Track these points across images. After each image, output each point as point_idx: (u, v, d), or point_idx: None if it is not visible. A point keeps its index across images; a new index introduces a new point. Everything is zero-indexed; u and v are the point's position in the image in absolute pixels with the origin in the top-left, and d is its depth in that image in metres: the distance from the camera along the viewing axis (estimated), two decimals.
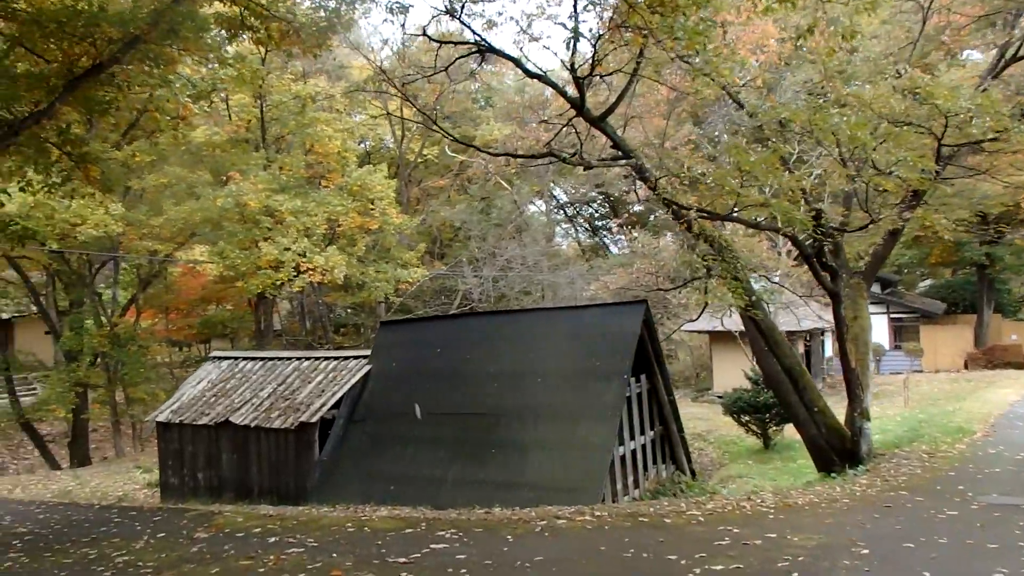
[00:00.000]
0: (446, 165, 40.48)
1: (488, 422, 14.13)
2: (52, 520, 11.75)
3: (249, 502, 15.43)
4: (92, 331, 27.13)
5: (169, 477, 16.93)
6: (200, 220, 25.34)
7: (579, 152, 14.21)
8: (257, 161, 26.67)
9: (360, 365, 16.18)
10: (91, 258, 27.18)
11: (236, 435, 15.91)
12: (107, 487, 21.46)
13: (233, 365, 17.91)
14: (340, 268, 24.85)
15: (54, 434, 35.36)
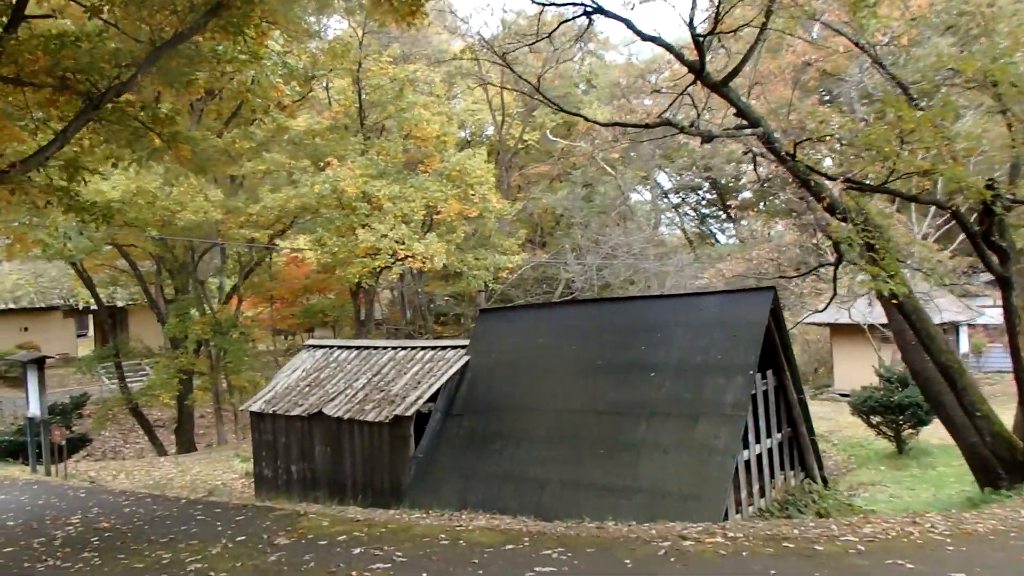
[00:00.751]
0: (547, 151, 39.33)
1: (596, 419, 12.89)
2: (136, 515, 11.16)
3: (341, 500, 14.69)
4: (195, 318, 27.15)
5: (263, 469, 16.37)
6: (297, 207, 24.93)
7: (696, 124, 12.79)
8: (355, 146, 26.11)
9: (458, 356, 15.18)
10: (193, 245, 27.19)
11: (329, 427, 15.17)
12: (206, 475, 21.25)
13: (328, 354, 17.21)
14: (439, 256, 24.03)
15: (164, 420, 36.00)
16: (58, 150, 10.77)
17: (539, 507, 12.22)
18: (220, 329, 27.01)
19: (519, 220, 35.58)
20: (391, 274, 24.97)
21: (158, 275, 29.64)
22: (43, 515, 11.79)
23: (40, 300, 45.54)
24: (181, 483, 20.16)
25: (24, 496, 14.13)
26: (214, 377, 28.14)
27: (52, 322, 45.75)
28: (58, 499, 13.44)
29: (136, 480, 20.75)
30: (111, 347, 30.70)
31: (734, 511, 11.90)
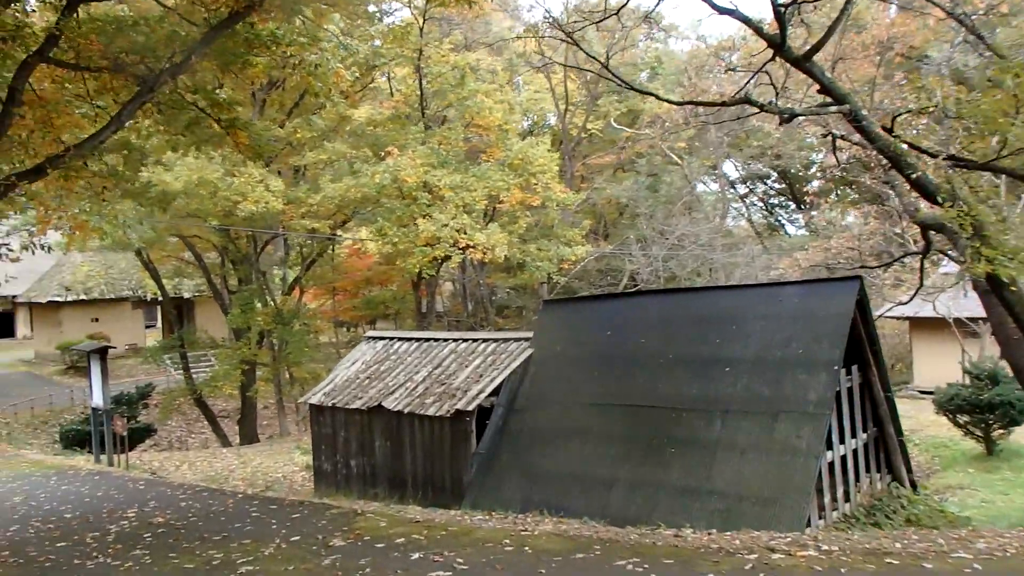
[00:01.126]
0: (611, 140, 38.49)
1: (667, 416, 12.18)
2: (192, 510, 10.86)
3: (401, 496, 14.28)
4: (258, 309, 27.15)
5: (322, 463, 16.06)
6: (358, 197, 24.64)
7: (774, 102, 11.95)
8: (415, 135, 25.71)
9: (521, 348, 14.61)
10: (255, 236, 27.17)
11: (389, 421, 14.75)
12: (267, 468, 21.13)
13: (388, 346, 16.82)
14: (501, 246, 23.49)
15: (229, 410, 36.31)
16: (113, 134, 10.50)
17: (606, 508, 11.61)
18: (282, 320, 26.94)
19: (582, 211, 34.88)
20: (451, 264, 24.54)
21: (222, 266, 29.77)
22: (100, 508, 11.61)
23: (110, 291, 46.45)
24: (242, 475, 20.05)
25: (85, 487, 14.05)
26: (276, 368, 28.11)
27: (122, 313, 46.65)
28: (117, 491, 13.30)
29: (197, 471, 20.73)
30: (176, 338, 30.98)
31: (816, 517, 11.10)
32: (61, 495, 13.39)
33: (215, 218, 23.33)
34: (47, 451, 25.43)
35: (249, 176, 23.50)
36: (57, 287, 45.78)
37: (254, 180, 23.50)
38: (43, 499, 13.08)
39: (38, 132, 11.08)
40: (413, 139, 25.43)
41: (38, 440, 28.40)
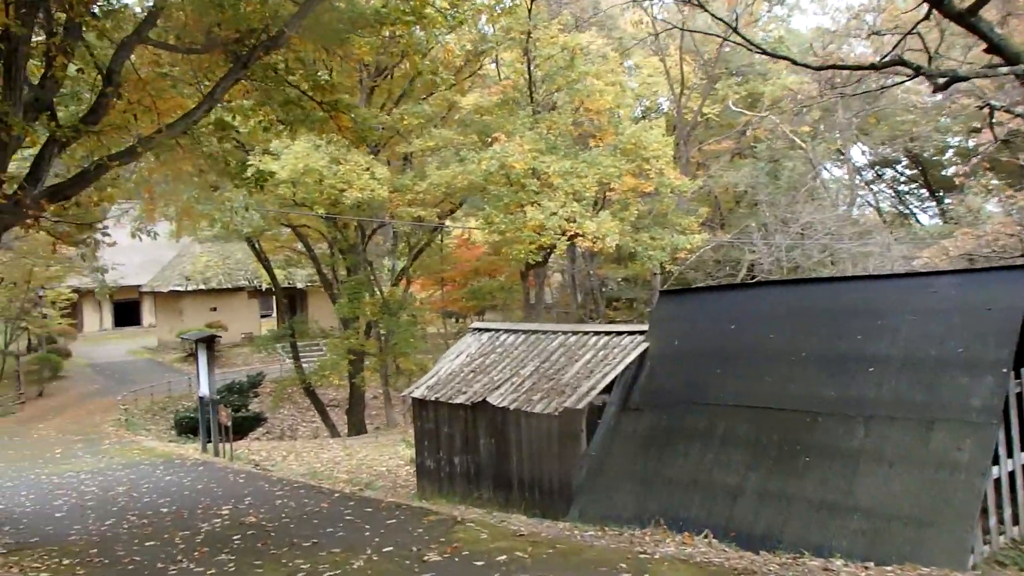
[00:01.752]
0: (729, 124, 36.68)
1: (799, 420, 10.89)
2: (286, 509, 10.31)
3: (507, 499, 13.46)
4: (366, 299, 26.92)
5: (425, 459, 15.40)
6: (464, 185, 23.98)
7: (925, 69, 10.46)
8: (524, 121, 24.84)
9: (635, 342, 13.51)
10: (362, 225, 26.92)
11: (494, 418, 13.94)
12: (372, 460, 20.74)
13: (494, 338, 16.01)
14: (612, 235, 22.38)
15: (340, 400, 36.48)
16: (207, 112, 10.01)
17: (731, 521, 10.46)
18: (389, 310, 26.62)
19: (697, 199, 33.31)
20: (559, 251, 23.63)
21: (332, 255, 29.75)
22: (197, 503, 11.24)
23: (227, 281, 47.64)
24: (346, 467, 19.70)
25: (187, 479, 13.84)
26: (383, 359, 27.85)
27: (238, 302, 47.80)
28: (217, 484, 12.98)
29: (304, 462, 20.51)
30: (287, 327, 31.17)
31: (980, 542, 9.63)
32: (163, 487, 13.17)
33: (321, 207, 23.10)
34: (163, 437, 25.92)
35: (355, 164, 23.17)
36: (178, 277, 47.28)
37: (360, 168, 23.17)
38: (145, 490, 12.88)
39: (141, 116, 10.71)
40: (521, 125, 24.57)
41: (156, 426, 29.08)
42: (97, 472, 15.87)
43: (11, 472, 16.99)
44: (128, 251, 55.85)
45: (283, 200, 23.48)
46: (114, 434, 24.27)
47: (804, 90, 20.72)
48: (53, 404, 33.23)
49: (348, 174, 22.80)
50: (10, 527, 10.45)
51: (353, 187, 22.71)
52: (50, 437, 24.34)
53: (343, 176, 22.79)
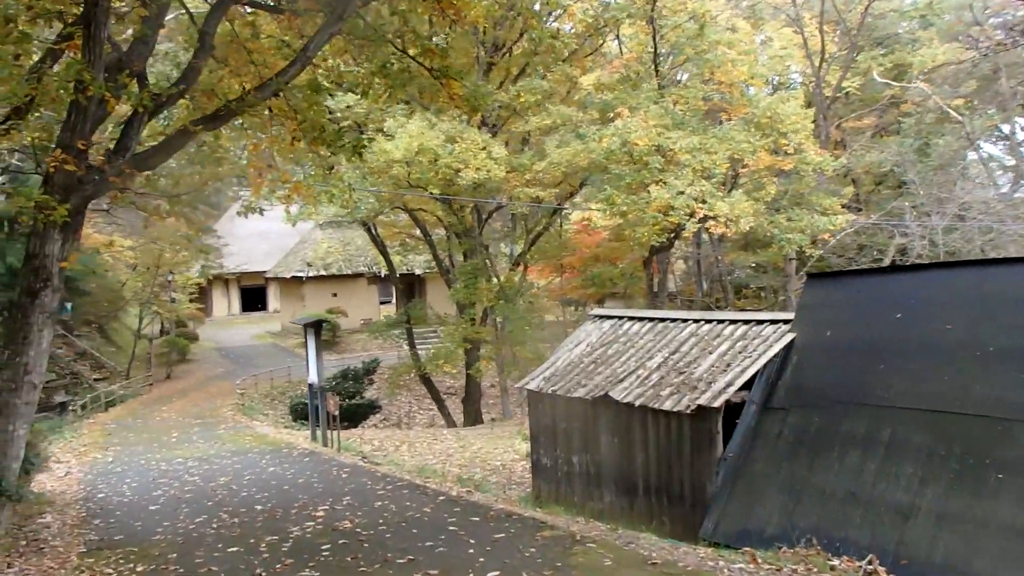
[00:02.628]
0: (872, 98, 33.78)
1: (987, 428, 9.08)
2: (385, 514, 9.29)
3: (631, 504, 12.12)
4: (481, 285, 25.97)
5: (541, 456, 14.21)
6: (585, 164, 22.60)
7: None
8: (648, 95, 23.22)
9: (779, 333, 11.88)
10: (479, 208, 25.95)
11: (618, 414, 12.59)
12: (486, 453, 19.74)
13: (617, 326, 14.63)
14: (746, 217, 20.53)
15: (456, 388, 35.83)
16: (300, 71, 9.03)
17: (901, 546, 8.81)
18: (505, 297, 25.57)
19: (834, 179, 30.74)
20: (686, 235, 21.94)
21: (448, 239, 28.97)
22: (294, 501, 10.40)
23: (347, 267, 47.90)
24: (459, 460, 18.77)
25: (290, 471, 13.11)
26: (499, 347, 26.84)
27: (358, 288, 47.99)
28: (318, 479, 12.17)
29: (416, 453, 19.72)
30: (402, 313, 30.61)
31: None
32: (264, 479, 12.47)
33: (436, 187, 22.21)
34: (279, 423, 25.76)
35: (471, 142, 22.17)
36: (300, 263, 47.86)
37: (476, 146, 22.15)
38: (245, 482, 12.19)
39: (230, 79, 9.87)
40: (646, 99, 22.96)
41: (274, 411, 29.09)
42: (204, 459, 15.44)
43: (124, 456, 16.83)
44: (256, 238, 57.43)
45: (398, 181, 22.72)
46: (231, 418, 24.22)
47: (959, 58, 18.24)
48: (179, 386, 33.91)
49: (464, 153, 21.84)
50: (101, 520, 9.88)
51: (469, 167, 21.72)
52: (170, 419, 24.51)
53: (458, 155, 21.83)
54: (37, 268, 8.15)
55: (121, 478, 13.64)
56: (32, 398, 8.18)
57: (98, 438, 20.61)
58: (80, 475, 14.37)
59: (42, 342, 8.15)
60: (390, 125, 22.52)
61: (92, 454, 17.48)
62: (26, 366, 8.04)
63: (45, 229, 8.18)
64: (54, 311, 8.25)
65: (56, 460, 16.85)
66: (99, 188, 8.47)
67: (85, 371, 35.64)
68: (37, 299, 8.11)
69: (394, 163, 22.01)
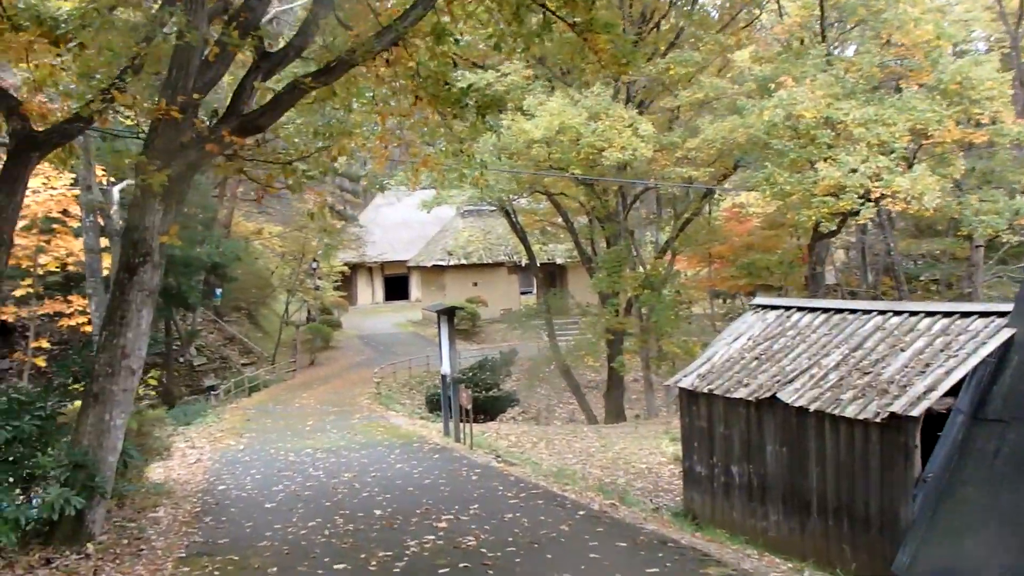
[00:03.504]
0: None
1: None
2: (515, 529, 8.00)
3: (802, 526, 10.37)
4: (625, 274, 24.38)
5: (694, 463, 12.59)
6: (742, 140, 20.61)
7: None
8: (815, 62, 20.94)
9: (992, 327, 9.78)
10: (623, 191, 24.35)
11: (787, 419, 10.84)
12: (630, 454, 18.23)
13: (783, 317, 12.79)
14: (931, 194, 18.03)
15: (598, 382, 34.40)
16: (422, 15, 7.83)
17: None
18: (651, 286, 23.87)
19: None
20: (860, 219, 19.60)
21: (590, 225, 27.53)
22: (417, 506, 9.29)
23: (487, 256, 47.24)
24: (601, 461, 17.36)
25: (418, 469, 12.07)
26: (643, 340, 25.16)
27: (498, 278, 47.24)
28: (447, 480, 11.04)
29: (554, 451, 18.44)
30: (543, 303, 29.40)
31: None
32: (390, 477, 11.48)
33: (578, 168, 20.79)
34: (414, 413, 25.12)
35: (616, 119, 20.63)
36: (440, 252, 47.59)
37: (621, 124, 20.58)
38: (369, 480, 11.24)
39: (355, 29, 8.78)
40: (812, 67, 20.70)
41: (411, 400, 28.57)
42: (333, 451, 14.71)
43: (257, 445, 16.39)
44: (399, 227, 57.85)
45: (538, 163, 21.45)
46: (366, 408, 23.73)
47: None
48: (320, 373, 34.07)
49: (608, 131, 20.30)
50: (213, 519, 9.10)
51: (613, 146, 20.17)
52: (308, 407, 24.30)
53: (602, 134, 20.32)
54: (136, 241, 7.33)
55: (247, 468, 13.03)
56: (130, 384, 7.38)
57: (236, 423, 20.47)
58: (209, 463, 13.92)
59: (141, 323, 7.32)
60: (529, 103, 21.27)
61: (226, 440, 17.18)
62: (123, 349, 7.24)
63: (144, 198, 7.35)
64: (154, 288, 7.41)
65: (191, 446, 16.62)
66: (203, 154, 7.56)
67: (234, 356, 36.49)
68: (135, 275, 7.29)
69: (533, 143, 20.77)
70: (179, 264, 28.40)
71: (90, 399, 7.19)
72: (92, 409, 7.16)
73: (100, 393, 7.17)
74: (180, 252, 28.05)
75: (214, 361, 35.04)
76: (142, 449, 9.61)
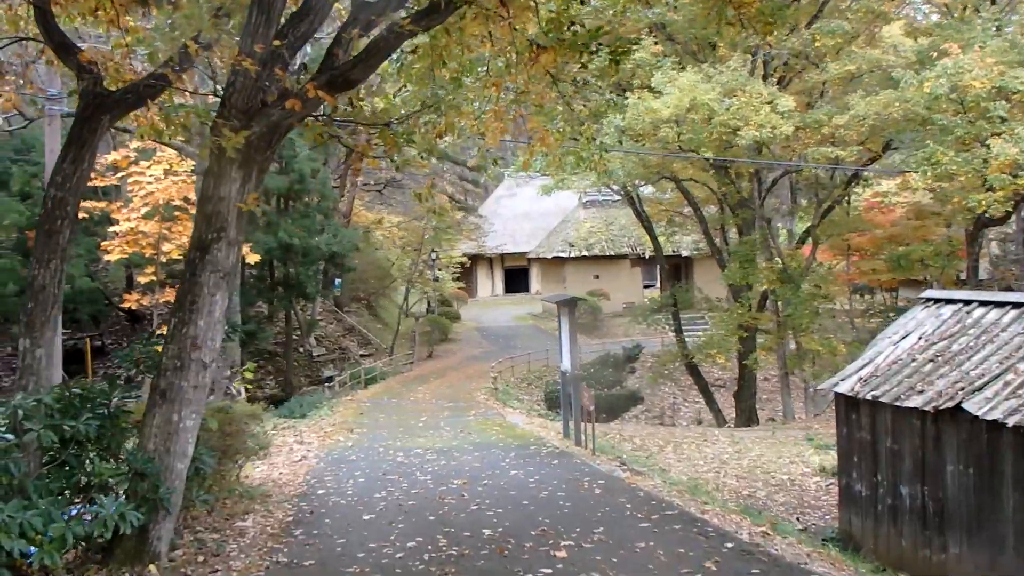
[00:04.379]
0: None
1: None
2: (649, 566, 6.61)
3: (992, 566, 8.55)
4: (759, 265, 22.46)
5: (852, 481, 10.87)
6: (899, 115, 18.42)
7: None
8: (985, 27, 18.53)
9: None
10: (758, 174, 22.40)
11: (975, 435, 9.04)
12: (767, 463, 16.51)
13: (962, 313, 10.87)
14: None
15: (724, 380, 32.49)
16: None
17: None
18: (789, 278, 21.87)
19: None
20: None
21: (720, 212, 25.68)
22: (532, 526, 8.06)
23: (610, 248, 45.76)
24: (735, 470, 15.73)
25: (534, 478, 10.83)
26: (780, 336, 23.15)
27: (621, 271, 45.64)
28: (566, 493, 9.75)
29: (683, 457, 16.92)
30: (668, 296, 27.73)
31: None
32: (502, 487, 10.30)
33: (709, 149, 19.09)
34: (532, 410, 23.99)
35: (754, 94, 18.83)
36: (561, 243, 46.37)
37: (759, 100, 18.77)
38: (480, 490, 10.08)
39: None
40: (982, 31, 18.31)
41: (529, 396, 27.49)
42: (444, 452, 13.67)
43: (366, 442, 15.58)
44: (520, 219, 56.97)
45: (666, 145, 19.85)
46: (483, 403, 22.74)
47: None
48: (438, 366, 33.43)
49: (744, 108, 18.54)
50: (304, 532, 8.12)
51: (750, 124, 18.41)
52: (423, 401, 23.53)
53: (737, 111, 18.57)
54: (209, 215, 6.38)
55: (352, 469, 12.12)
56: (202, 381, 6.42)
57: (349, 417, 19.83)
58: (315, 461, 13.12)
59: (214, 309, 6.36)
60: (657, 81, 19.71)
61: (336, 436, 16.45)
62: (194, 340, 6.29)
63: (220, 164, 6.37)
64: (229, 269, 6.44)
65: (299, 441, 15.98)
66: (286, 114, 6.52)
67: (352, 347, 36.34)
68: (208, 253, 6.34)
69: (661, 124, 19.20)
70: (298, 253, 28.24)
71: (156, 397, 6.27)
72: (159, 409, 6.24)
73: (168, 390, 6.24)
74: (299, 241, 27.92)
75: (333, 352, 34.97)
76: (229, 451, 8.72)
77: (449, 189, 54.51)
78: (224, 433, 8.35)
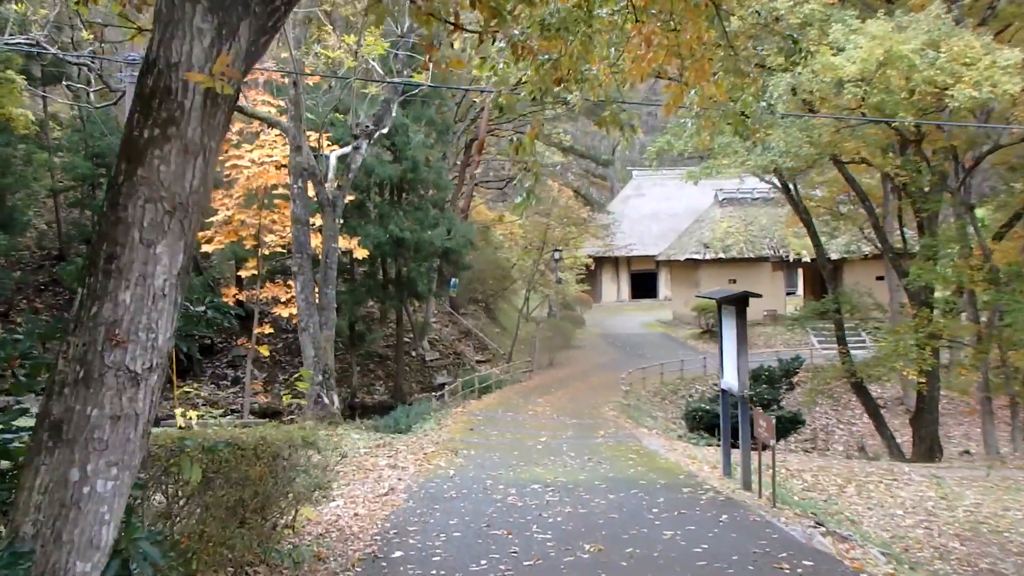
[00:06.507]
0: None
1: None
2: None
3: None
4: (955, 263, 18.28)
5: None
6: None
7: None
8: None
9: None
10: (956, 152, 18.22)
11: None
12: (993, 517, 12.56)
13: None
14: None
15: (885, 399, 28.15)
16: None
17: None
18: (996, 278, 17.62)
19: None
20: None
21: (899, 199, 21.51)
22: None
23: (749, 250, 41.60)
24: (952, 526, 11.88)
25: (700, 546, 7.51)
26: (984, 350, 18.81)
27: (760, 274, 41.32)
28: None
29: (872, 502, 13.15)
30: (830, 300, 23.63)
31: None
32: (654, 558, 7.02)
33: (907, 113, 15.25)
34: (669, 430, 20.51)
35: (966, 46, 14.88)
36: (695, 244, 42.47)
37: (974, 51, 14.80)
38: (623, 569, 6.83)
39: None
40: None
41: (663, 413, 24.02)
42: (569, 491, 10.51)
43: (471, 469, 12.62)
44: (648, 219, 53.35)
45: (848, 110, 16.10)
46: (612, 421, 19.46)
47: None
48: (559, 376, 30.32)
49: (955, 61, 14.62)
50: None
51: (963, 81, 14.48)
52: (543, 416, 20.46)
53: (945, 65, 14.66)
54: (150, 92, 3.42)
55: (447, 516, 9.10)
56: (129, 405, 3.43)
57: (456, 433, 16.97)
58: (403, 497, 10.20)
59: (155, 271, 3.38)
60: (835, 35, 16.01)
61: (437, 459, 13.51)
62: (111, 327, 3.31)
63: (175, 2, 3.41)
64: (185, 201, 3.46)
65: (392, 464, 13.15)
66: None
67: (468, 352, 33.71)
68: (141, 165, 3.38)
69: (845, 84, 15.50)
70: (409, 248, 25.77)
71: (44, 435, 3.40)
72: (47, 457, 3.37)
73: (63, 423, 3.35)
74: (411, 235, 25.42)
75: (447, 357, 32.42)
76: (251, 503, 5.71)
77: (574, 181, 51.39)
78: (239, 481, 5.40)
